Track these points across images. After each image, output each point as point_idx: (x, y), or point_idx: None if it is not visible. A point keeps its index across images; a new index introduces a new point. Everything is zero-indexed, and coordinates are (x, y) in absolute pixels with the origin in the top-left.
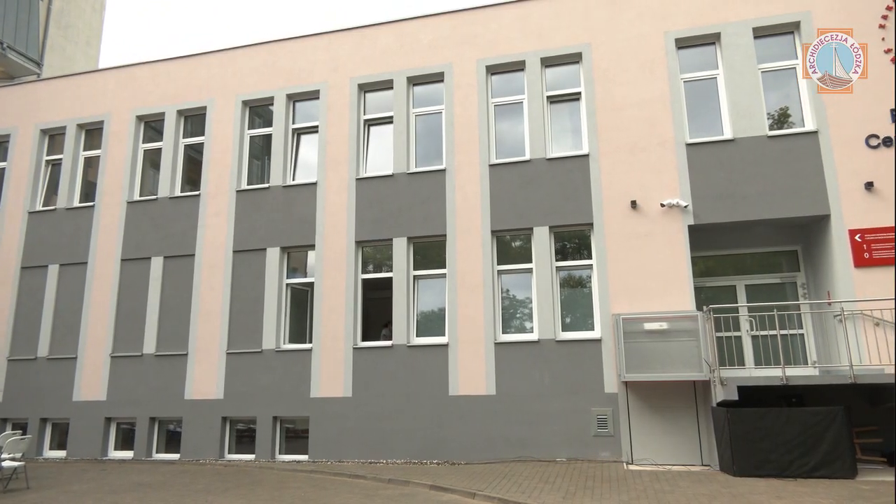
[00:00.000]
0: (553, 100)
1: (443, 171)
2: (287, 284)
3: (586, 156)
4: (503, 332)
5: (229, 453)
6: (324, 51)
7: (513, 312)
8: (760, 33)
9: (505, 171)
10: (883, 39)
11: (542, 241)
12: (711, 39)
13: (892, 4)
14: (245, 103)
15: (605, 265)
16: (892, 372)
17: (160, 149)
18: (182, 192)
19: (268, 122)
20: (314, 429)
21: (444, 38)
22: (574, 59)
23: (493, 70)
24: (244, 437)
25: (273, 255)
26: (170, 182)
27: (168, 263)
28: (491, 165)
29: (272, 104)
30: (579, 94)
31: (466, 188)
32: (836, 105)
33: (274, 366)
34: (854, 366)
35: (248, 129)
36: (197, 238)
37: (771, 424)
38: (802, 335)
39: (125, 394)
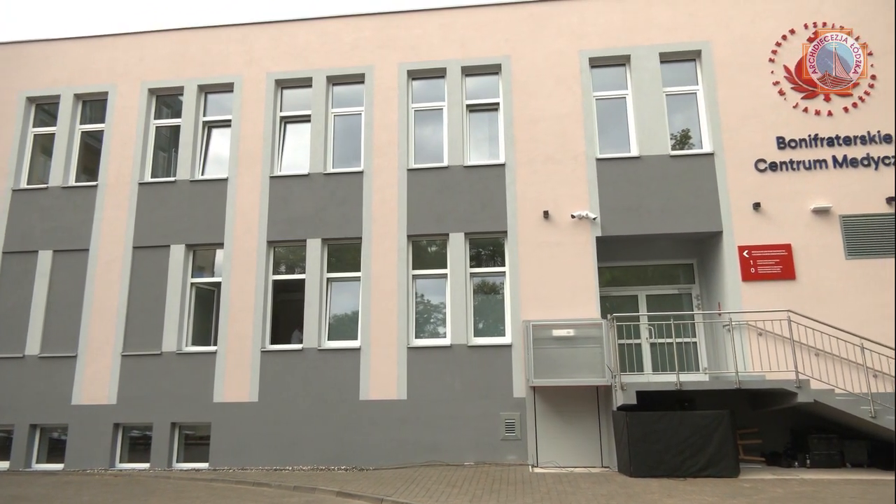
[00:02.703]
0: (472, 108)
1: (360, 173)
2: (192, 284)
3: (503, 165)
4: (416, 337)
5: (121, 462)
6: (239, 43)
7: (427, 317)
8: (666, 58)
9: (423, 177)
10: (772, 73)
11: (457, 248)
12: (622, 61)
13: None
14: (152, 91)
15: (518, 273)
16: (772, 378)
17: (53, 134)
18: (77, 181)
19: (176, 113)
20: (216, 435)
21: (367, 40)
22: (494, 69)
23: (414, 75)
24: (138, 445)
25: (177, 252)
26: (63, 170)
27: (58, 258)
28: (409, 170)
29: (182, 94)
30: (498, 104)
31: (384, 191)
32: (730, 130)
33: (174, 369)
34: (739, 372)
35: (155, 118)
36: (93, 232)
37: (665, 427)
38: (695, 343)
39: (2, 399)
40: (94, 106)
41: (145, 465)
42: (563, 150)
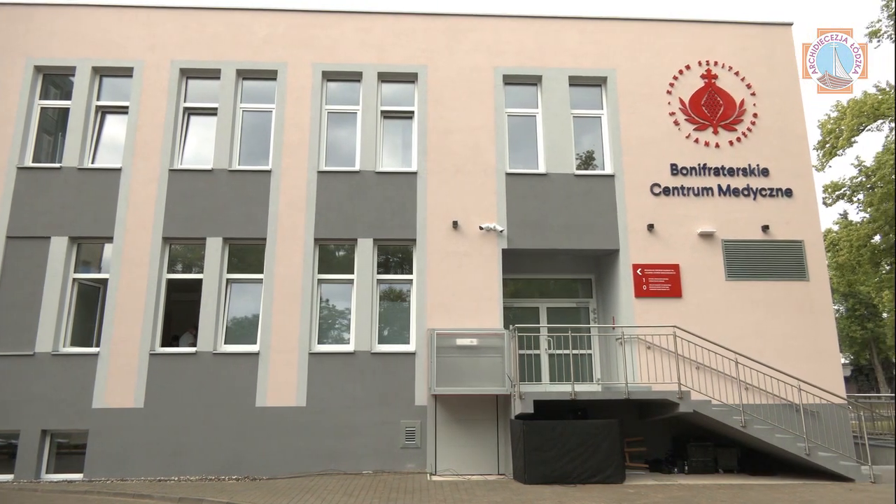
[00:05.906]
0: (387, 115)
1: (268, 172)
2: (74, 279)
3: (414, 173)
4: (319, 343)
5: None
6: (142, 26)
7: (331, 322)
8: (575, 82)
9: (334, 180)
10: (669, 104)
11: (365, 253)
12: (534, 80)
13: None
14: (38, 69)
15: (425, 281)
16: (658, 389)
17: None
18: None
19: (66, 95)
20: (94, 443)
21: (281, 36)
22: (410, 78)
23: (329, 76)
24: (2, 455)
25: (59, 244)
26: None
27: None
28: (320, 172)
29: (73, 75)
30: (412, 112)
31: (292, 192)
32: (630, 154)
33: (49, 371)
34: (628, 383)
35: (40, 98)
36: None
37: (559, 435)
38: (591, 355)
39: None
40: None
41: (8, 477)
42: (474, 163)
